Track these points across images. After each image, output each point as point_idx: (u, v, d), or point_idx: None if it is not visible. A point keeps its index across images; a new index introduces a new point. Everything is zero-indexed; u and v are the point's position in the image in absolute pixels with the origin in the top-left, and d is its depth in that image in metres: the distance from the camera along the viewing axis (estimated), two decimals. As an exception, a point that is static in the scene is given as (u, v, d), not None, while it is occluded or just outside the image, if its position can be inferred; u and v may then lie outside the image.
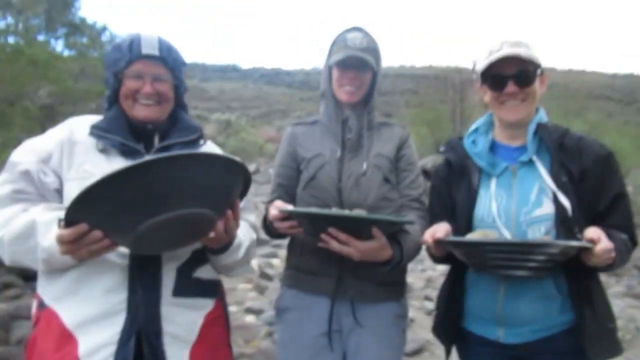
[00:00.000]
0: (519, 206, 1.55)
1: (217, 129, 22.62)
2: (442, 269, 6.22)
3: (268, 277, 5.47)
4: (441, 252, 1.56)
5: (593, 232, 1.36)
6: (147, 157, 1.10)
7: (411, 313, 4.65)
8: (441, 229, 1.54)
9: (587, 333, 1.46)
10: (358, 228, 1.50)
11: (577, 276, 1.50)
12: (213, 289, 1.61)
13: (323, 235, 1.51)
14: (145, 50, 1.48)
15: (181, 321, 1.46)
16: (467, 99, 14.79)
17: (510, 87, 1.56)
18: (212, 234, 1.38)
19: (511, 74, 1.55)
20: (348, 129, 1.80)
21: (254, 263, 5.88)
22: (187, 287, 1.50)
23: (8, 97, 3.72)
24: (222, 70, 50.99)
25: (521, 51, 1.53)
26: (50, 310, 1.40)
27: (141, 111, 1.50)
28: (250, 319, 4.32)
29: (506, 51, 1.54)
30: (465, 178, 1.66)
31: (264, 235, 1.78)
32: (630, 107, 41.58)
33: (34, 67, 3.91)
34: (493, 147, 1.68)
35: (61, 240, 1.21)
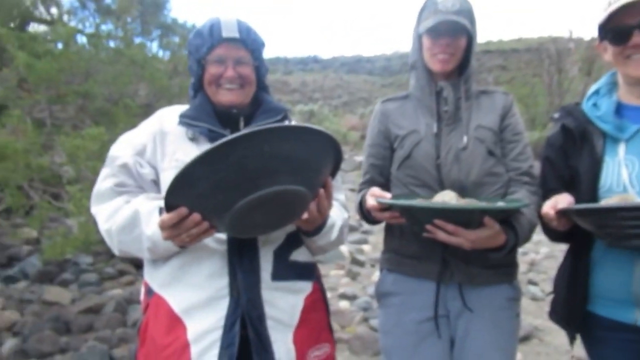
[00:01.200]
0: None
1: (302, 120, 23.01)
2: (546, 250, 5.80)
3: (359, 263, 5.44)
4: (564, 226, 1.39)
5: None
6: (235, 134, 1.07)
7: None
8: (563, 200, 1.39)
9: None
10: (466, 218, 1.37)
11: None
12: (310, 272, 1.58)
13: (428, 227, 1.40)
14: (225, 33, 1.47)
15: (283, 305, 1.45)
16: (566, 70, 13.61)
17: (637, 38, 1.38)
18: (305, 215, 1.34)
19: (636, 23, 1.37)
20: (443, 101, 1.67)
21: (345, 249, 5.88)
22: (285, 270, 1.48)
23: (111, 97, 4.03)
24: (303, 63, 51.73)
25: None
26: (158, 296, 1.44)
27: (225, 96, 1.50)
28: (344, 304, 4.31)
29: None
30: (587, 145, 1.48)
31: (352, 221, 1.72)
32: None
33: (133, 68, 4.19)
34: (619, 108, 1.49)
35: (163, 226, 1.23)
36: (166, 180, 1.43)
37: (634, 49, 1.39)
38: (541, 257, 5.63)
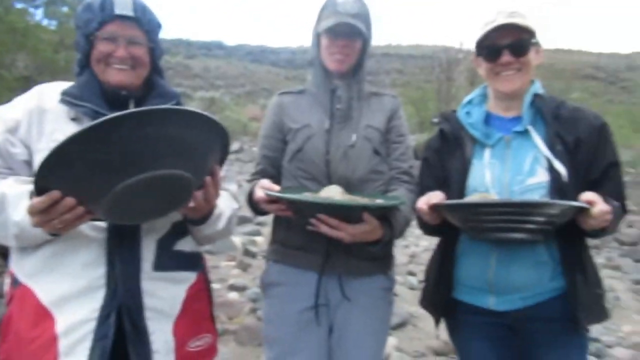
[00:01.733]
0: (512, 175, 1.53)
1: (202, 107, 22.29)
2: (426, 244, 6.27)
3: (251, 255, 5.43)
4: (435, 220, 1.53)
5: (590, 194, 1.35)
6: (119, 113, 1.01)
7: (395, 288, 4.70)
8: (435, 197, 1.53)
9: (579, 299, 1.47)
10: (348, 214, 1.45)
11: (569, 243, 1.50)
12: (195, 262, 1.56)
13: (313, 220, 1.46)
14: (118, 10, 1.38)
15: (163, 295, 1.41)
16: (453, 79, 14.76)
17: (505, 57, 1.55)
18: (191, 203, 1.32)
19: (506, 44, 1.55)
20: (337, 99, 1.73)
21: (237, 240, 5.83)
22: (169, 260, 1.44)
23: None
24: (206, 47, 50.02)
25: (516, 20, 1.52)
26: (25, 287, 1.34)
27: (114, 76, 1.41)
28: (233, 295, 4.29)
29: (501, 21, 1.53)
30: (459, 148, 1.64)
31: (247, 213, 1.72)
32: (613, 86, 42.10)
33: (12, 36, 3.69)
34: (487, 118, 1.66)
35: (32, 211, 1.13)
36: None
37: (503, 66, 1.56)
38: (421, 250, 6.07)
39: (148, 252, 1.40)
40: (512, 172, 1.53)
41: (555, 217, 1.32)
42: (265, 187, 1.54)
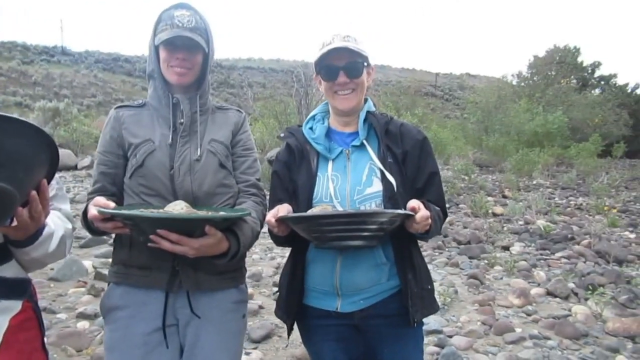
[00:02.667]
0: (352, 186, 1.65)
1: (43, 118, 20.01)
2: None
3: (104, 279, 4.98)
4: (284, 232, 1.57)
5: (414, 202, 1.50)
6: None
7: (260, 300, 4.69)
8: (283, 209, 1.57)
9: (410, 294, 1.62)
10: (189, 227, 1.41)
11: (402, 245, 1.66)
12: (20, 289, 1.40)
13: (153, 237, 1.39)
14: None
15: None
16: (312, 93, 15.41)
17: (341, 78, 1.67)
18: (14, 222, 1.18)
19: (341, 66, 1.66)
20: (180, 113, 1.70)
21: (88, 264, 5.34)
22: None
23: None
24: (47, 53, 45.11)
25: (349, 45, 1.64)
26: None
27: None
28: (83, 324, 3.90)
29: (336, 44, 1.64)
30: (305, 161, 1.73)
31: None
32: (449, 103, 47.78)
33: None
34: (329, 133, 1.78)
35: None
36: None
37: (340, 86, 1.69)
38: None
39: None
40: (352, 183, 1.65)
41: (385, 224, 1.45)
42: (99, 205, 1.45)
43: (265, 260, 6.22)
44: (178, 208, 1.48)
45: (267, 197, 1.81)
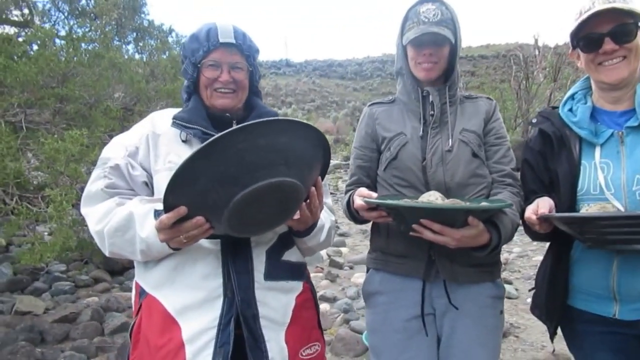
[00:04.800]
0: (630, 174, 1.42)
1: (275, 124, 22.82)
2: (519, 250, 5.98)
3: (338, 266, 5.48)
4: (546, 229, 1.45)
5: None
6: (235, 127, 1.11)
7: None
8: (544, 205, 1.45)
9: None
10: (452, 218, 1.41)
11: None
12: (301, 272, 1.61)
13: (415, 226, 1.43)
14: (222, 38, 1.50)
15: (275, 304, 1.47)
16: (532, 76, 14.05)
17: (608, 45, 1.43)
18: (297, 215, 1.37)
19: (607, 31, 1.42)
20: (430, 106, 1.72)
21: (323, 252, 5.92)
22: (278, 270, 1.51)
23: (88, 100, 3.96)
24: (275, 66, 51.64)
25: (616, 4, 1.40)
26: (152, 297, 1.44)
27: (219, 100, 1.52)
28: (324, 306, 4.34)
29: (600, 7, 1.41)
30: (565, 149, 1.55)
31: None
32: None
33: (111, 71, 4.13)
34: (594, 113, 1.55)
35: (161, 227, 1.23)
36: (160, 182, 1.44)
37: (605, 55, 1.45)
38: (514, 257, 5.80)
39: (259, 262, 1.47)
40: (630, 171, 1.42)
41: None
42: (363, 195, 1.56)
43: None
44: (433, 199, 1.51)
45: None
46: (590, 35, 1.46)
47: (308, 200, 1.38)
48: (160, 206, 1.22)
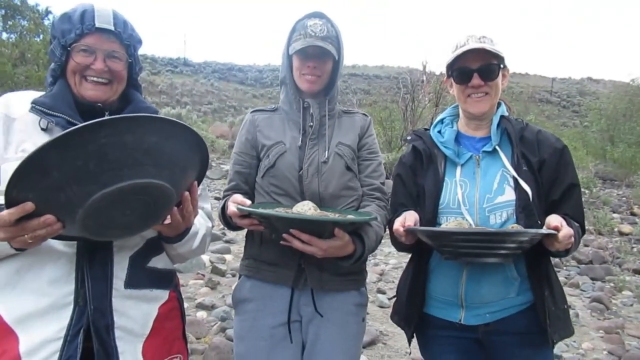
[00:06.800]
0: (482, 193, 1.58)
1: (167, 123, 21.83)
2: (395, 262, 6.32)
3: (220, 273, 5.34)
4: (411, 240, 1.56)
5: (555, 219, 1.41)
6: (99, 119, 1.00)
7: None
8: (411, 218, 1.56)
9: (548, 313, 1.51)
10: (320, 229, 1.46)
11: (536, 260, 1.55)
12: (168, 280, 1.53)
13: (285, 235, 1.47)
14: (99, 22, 1.37)
15: (134, 314, 1.38)
16: (419, 100, 15.13)
17: (475, 80, 1.61)
18: (167, 220, 1.30)
19: (476, 68, 1.60)
20: (310, 117, 1.76)
21: (206, 258, 5.74)
22: (141, 277, 1.41)
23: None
24: (171, 64, 49.58)
25: (486, 45, 1.58)
26: None
27: (89, 90, 1.39)
28: (201, 314, 4.20)
29: (472, 45, 1.58)
30: (432, 166, 1.69)
31: (215, 231, 1.70)
32: (566, 110, 44.10)
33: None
34: (458, 137, 1.72)
35: (1, 224, 1.07)
36: (8, 171, 1.27)
37: (473, 89, 1.63)
38: (390, 268, 6.12)
39: (120, 269, 1.37)
40: (482, 190, 1.59)
41: (525, 243, 1.38)
42: (237, 202, 1.55)
43: (369, 266, 6.19)
44: (306, 209, 1.54)
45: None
46: (463, 69, 1.62)
47: (181, 205, 1.30)
48: (2, 199, 1.07)
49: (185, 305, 4.37)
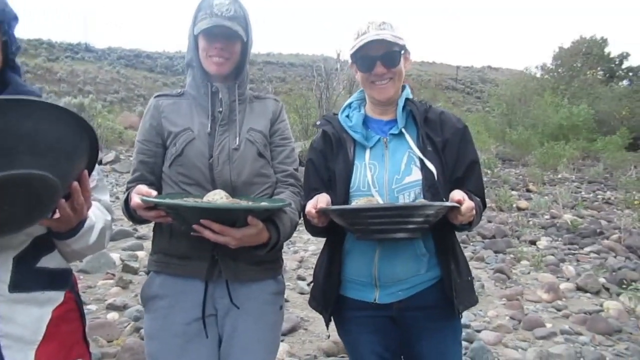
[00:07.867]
0: (391, 175, 1.62)
1: (68, 114, 20.29)
2: (314, 248, 6.39)
3: (132, 271, 5.07)
4: (323, 222, 1.56)
5: (458, 193, 1.48)
6: None
7: (284, 294, 4.70)
8: (323, 200, 1.55)
9: (454, 286, 1.59)
10: (232, 218, 1.40)
11: (443, 236, 1.63)
12: (64, 279, 1.40)
13: (195, 226, 1.38)
14: None
15: (24, 320, 1.25)
16: (333, 87, 15.35)
17: (379, 68, 1.64)
18: (56, 214, 1.18)
19: (378, 55, 1.62)
20: (219, 102, 1.69)
21: (116, 256, 5.42)
22: (30, 279, 1.28)
23: None
24: (72, 50, 45.89)
25: (386, 35, 1.60)
26: None
27: None
28: (113, 316, 3.97)
29: (372, 34, 1.60)
30: (342, 150, 1.70)
31: (127, 227, 1.59)
32: (470, 96, 47.13)
33: None
34: (366, 121, 1.74)
35: None
36: None
37: (377, 76, 1.65)
38: (309, 255, 6.18)
39: (3, 271, 1.23)
40: (391, 172, 1.62)
41: (431, 217, 1.43)
42: (141, 193, 1.45)
43: (289, 253, 6.22)
44: (218, 197, 1.48)
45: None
46: (365, 57, 1.64)
47: (71, 198, 1.19)
48: None
49: (95, 307, 4.16)
